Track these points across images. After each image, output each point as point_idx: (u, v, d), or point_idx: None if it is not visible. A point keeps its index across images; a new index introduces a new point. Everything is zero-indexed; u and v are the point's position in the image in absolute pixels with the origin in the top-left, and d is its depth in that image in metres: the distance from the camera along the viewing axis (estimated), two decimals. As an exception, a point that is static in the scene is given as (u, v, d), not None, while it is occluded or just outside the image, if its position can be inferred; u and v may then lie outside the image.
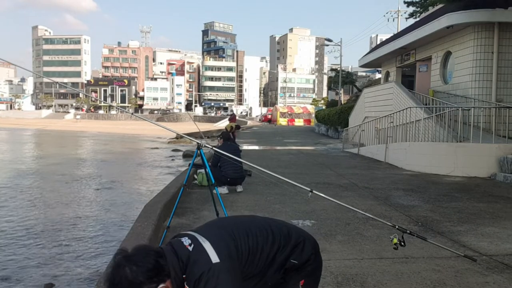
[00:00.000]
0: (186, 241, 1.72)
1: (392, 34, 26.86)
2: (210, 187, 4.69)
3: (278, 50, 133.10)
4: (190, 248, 1.68)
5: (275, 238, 1.86)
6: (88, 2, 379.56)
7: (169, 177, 13.84)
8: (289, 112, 59.77)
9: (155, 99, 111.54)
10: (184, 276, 1.63)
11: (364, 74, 60.38)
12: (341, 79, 36.53)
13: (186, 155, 21.18)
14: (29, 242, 7.36)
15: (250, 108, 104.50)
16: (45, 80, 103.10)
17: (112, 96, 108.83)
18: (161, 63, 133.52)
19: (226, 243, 1.73)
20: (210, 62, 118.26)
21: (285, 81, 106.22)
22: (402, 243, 2.68)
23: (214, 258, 1.64)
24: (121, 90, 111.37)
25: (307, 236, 1.99)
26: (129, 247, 1.66)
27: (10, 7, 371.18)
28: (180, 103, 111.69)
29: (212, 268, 1.61)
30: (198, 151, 4.13)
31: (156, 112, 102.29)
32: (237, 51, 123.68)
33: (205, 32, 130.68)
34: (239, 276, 1.70)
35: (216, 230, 1.81)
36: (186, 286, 1.62)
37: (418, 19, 18.19)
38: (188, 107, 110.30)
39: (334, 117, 26.12)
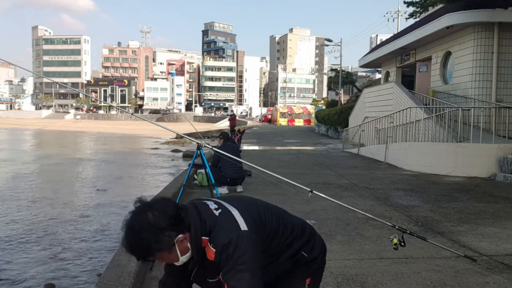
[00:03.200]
0: (212, 205, 1.71)
1: (392, 34, 26.86)
2: (210, 187, 4.69)
3: (278, 50, 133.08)
4: (217, 213, 1.67)
5: (294, 226, 1.87)
6: (86, 1, 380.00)
7: (169, 177, 13.84)
8: (289, 112, 59.76)
9: (155, 99, 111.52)
10: (203, 237, 1.61)
11: (364, 74, 60.41)
12: (341, 79, 36.54)
13: (186, 155, 21.17)
14: (29, 242, 7.35)
15: (250, 108, 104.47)
16: (45, 80, 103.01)
17: (112, 96, 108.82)
18: (161, 63, 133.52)
19: (253, 215, 1.73)
20: (210, 62, 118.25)
21: (285, 81, 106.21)
22: (402, 243, 2.67)
23: (243, 226, 1.64)
24: (121, 90, 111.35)
25: (318, 235, 2.01)
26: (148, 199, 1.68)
27: (8, 6, 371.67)
28: (180, 103, 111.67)
29: (241, 235, 1.61)
30: (198, 151, 4.13)
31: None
32: (237, 51, 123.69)
33: (205, 32, 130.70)
34: (260, 249, 1.70)
35: (242, 202, 1.81)
36: (210, 247, 1.61)
37: (418, 19, 18.19)
38: (188, 107, 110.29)
39: (334, 117, 26.12)
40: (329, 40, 38.25)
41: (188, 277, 1.81)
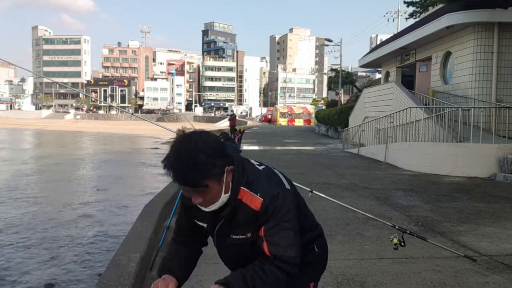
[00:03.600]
0: (254, 161, 1.65)
1: (392, 34, 26.85)
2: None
3: (278, 50, 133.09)
4: (261, 168, 1.61)
5: (311, 217, 1.84)
6: (86, 1, 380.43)
7: (169, 177, 13.82)
8: (289, 112, 59.77)
9: (155, 99, 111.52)
10: (242, 187, 1.53)
11: (364, 74, 60.42)
12: (341, 79, 36.52)
13: (186, 155, 21.16)
14: (29, 242, 7.36)
15: (250, 108, 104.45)
16: (45, 80, 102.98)
17: (112, 96, 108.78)
18: (161, 63, 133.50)
19: (291, 183, 1.68)
20: (210, 62, 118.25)
21: (285, 81, 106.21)
22: (402, 243, 2.67)
23: (287, 185, 1.59)
24: (121, 90, 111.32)
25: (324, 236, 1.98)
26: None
27: (8, 6, 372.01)
28: (180, 103, 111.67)
29: (288, 192, 1.56)
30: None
31: (157, 112, 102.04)
32: (237, 51, 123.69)
33: (205, 32, 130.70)
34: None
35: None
36: (256, 196, 1.51)
37: (418, 19, 18.19)
38: (188, 107, 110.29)
39: (334, 117, 26.13)
40: (329, 40, 38.22)
41: (200, 236, 1.74)
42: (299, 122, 56.56)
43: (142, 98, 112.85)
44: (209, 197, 1.49)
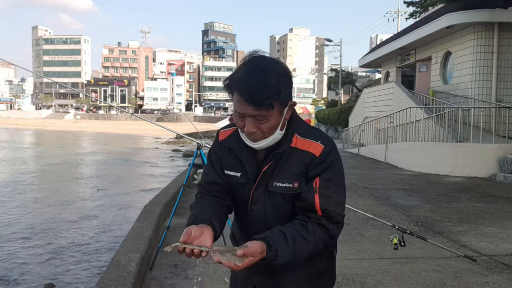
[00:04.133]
0: None
1: (392, 34, 26.86)
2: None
3: (278, 50, 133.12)
4: (315, 126, 1.54)
5: None
6: (85, 0, 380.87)
7: (169, 177, 13.84)
8: (289, 112, 59.67)
9: (155, 99, 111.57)
10: (296, 134, 1.42)
11: (364, 74, 60.33)
12: (341, 79, 36.52)
13: (186, 155, 21.21)
14: (29, 242, 7.36)
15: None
16: (45, 80, 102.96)
17: (112, 96, 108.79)
18: (161, 63, 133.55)
19: None
20: (210, 62, 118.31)
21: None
22: (402, 243, 2.68)
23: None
24: (121, 90, 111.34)
25: None
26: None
27: (5, 6, 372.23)
28: (180, 103, 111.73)
29: (339, 153, 1.49)
30: (198, 151, 4.13)
31: (156, 112, 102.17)
32: (237, 51, 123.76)
33: (205, 32, 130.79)
34: None
35: None
36: (317, 143, 1.41)
37: (418, 19, 18.19)
38: (188, 107, 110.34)
39: (334, 117, 26.14)
40: (329, 40, 38.21)
41: (228, 196, 1.53)
42: (299, 122, 56.56)
43: (142, 98, 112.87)
44: (266, 126, 1.35)
